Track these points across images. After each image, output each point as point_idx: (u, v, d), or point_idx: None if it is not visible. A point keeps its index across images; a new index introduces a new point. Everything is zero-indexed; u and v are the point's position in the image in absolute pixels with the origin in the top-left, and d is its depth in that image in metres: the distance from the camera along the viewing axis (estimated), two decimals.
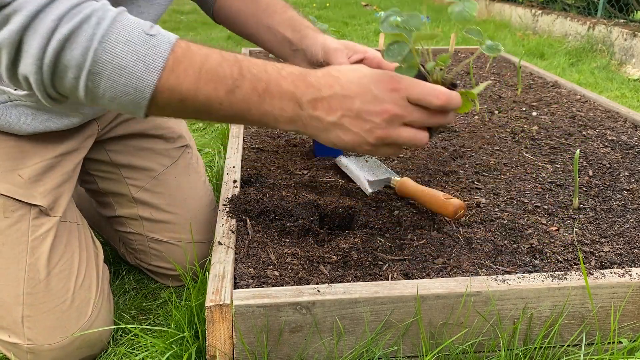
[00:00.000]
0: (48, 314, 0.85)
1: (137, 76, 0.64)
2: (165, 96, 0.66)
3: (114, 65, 0.63)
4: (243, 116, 0.69)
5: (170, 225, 1.07)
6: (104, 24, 0.63)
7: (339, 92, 0.68)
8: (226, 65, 0.67)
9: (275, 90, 0.68)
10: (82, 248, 0.93)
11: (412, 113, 0.68)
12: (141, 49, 0.63)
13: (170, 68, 0.65)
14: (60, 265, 0.87)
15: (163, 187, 1.08)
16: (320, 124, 0.69)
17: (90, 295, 0.89)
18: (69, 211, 0.94)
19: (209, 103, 0.67)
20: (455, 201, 0.91)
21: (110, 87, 0.64)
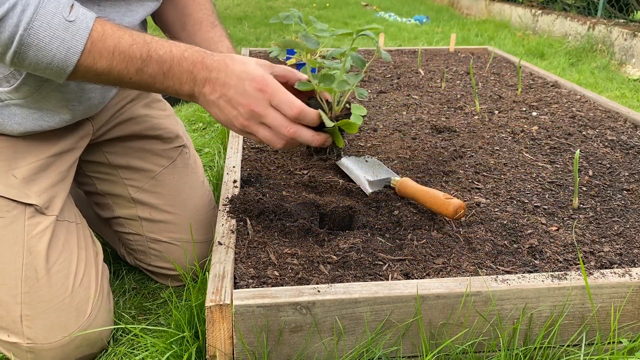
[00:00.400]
0: (47, 313, 0.85)
1: (58, 58, 0.73)
2: (83, 72, 0.76)
3: (38, 48, 0.72)
4: (149, 88, 0.81)
5: (170, 225, 1.07)
6: (28, 11, 0.70)
7: (223, 78, 0.80)
8: (136, 47, 0.77)
9: (177, 69, 0.80)
10: (81, 247, 0.93)
11: (269, 115, 0.80)
12: (62, 34, 0.73)
13: (88, 50, 0.74)
14: (59, 264, 0.87)
15: (161, 188, 1.08)
16: (205, 99, 0.82)
17: (89, 294, 0.89)
18: (67, 210, 0.94)
19: (121, 78, 0.78)
20: (455, 201, 0.91)
21: (34, 63, 0.74)
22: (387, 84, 1.86)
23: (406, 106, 1.61)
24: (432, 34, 4.03)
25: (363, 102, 1.65)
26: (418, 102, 1.64)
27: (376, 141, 1.33)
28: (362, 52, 2.37)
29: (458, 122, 1.46)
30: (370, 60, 1.20)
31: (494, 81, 1.89)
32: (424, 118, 1.49)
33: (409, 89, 1.79)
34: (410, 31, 4.17)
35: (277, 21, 1.73)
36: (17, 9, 0.70)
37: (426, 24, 4.66)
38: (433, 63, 2.16)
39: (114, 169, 1.07)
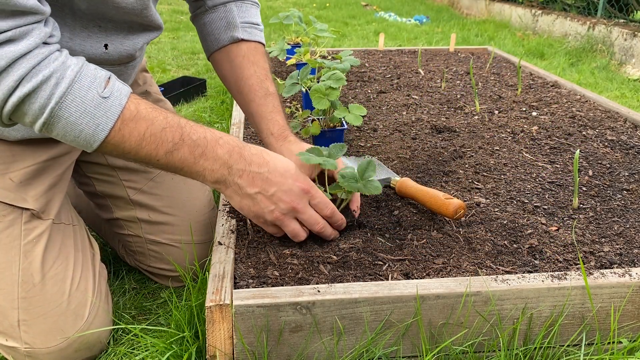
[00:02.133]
0: (44, 318, 0.85)
1: (86, 133, 0.73)
2: (110, 148, 0.76)
3: (68, 122, 0.71)
4: (176, 171, 0.81)
5: (169, 227, 1.07)
6: (62, 85, 0.70)
7: (265, 173, 0.83)
8: (169, 131, 0.77)
9: (210, 155, 0.80)
10: (78, 249, 0.93)
11: (307, 212, 0.85)
12: (93, 110, 0.72)
13: (117, 129, 0.74)
14: (55, 268, 0.87)
15: (160, 189, 1.08)
16: (239, 190, 0.83)
17: (86, 297, 0.89)
18: (64, 212, 0.94)
19: (148, 159, 0.78)
20: (455, 201, 0.91)
21: (62, 134, 0.73)
22: (387, 84, 1.86)
23: (406, 106, 1.61)
24: (432, 34, 4.03)
25: (363, 102, 1.66)
26: (418, 102, 1.64)
27: (376, 141, 1.33)
28: (362, 52, 2.37)
29: (458, 122, 1.46)
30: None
31: (494, 81, 1.89)
32: (424, 118, 1.49)
33: (409, 89, 1.79)
34: (410, 31, 4.17)
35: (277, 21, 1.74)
36: (50, 82, 0.69)
37: (426, 24, 4.66)
38: (433, 63, 2.16)
39: (113, 170, 1.07)
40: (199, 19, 1.09)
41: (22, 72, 0.67)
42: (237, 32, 1.05)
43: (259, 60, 1.06)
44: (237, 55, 1.06)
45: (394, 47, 2.74)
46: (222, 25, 1.06)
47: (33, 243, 0.87)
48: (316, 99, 1.10)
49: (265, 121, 1.03)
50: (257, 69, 1.05)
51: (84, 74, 0.72)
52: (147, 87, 1.19)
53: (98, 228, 1.22)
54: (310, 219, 0.85)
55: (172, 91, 2.32)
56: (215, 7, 1.07)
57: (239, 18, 1.06)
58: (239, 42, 1.06)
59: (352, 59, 1.27)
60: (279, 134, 1.01)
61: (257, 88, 1.04)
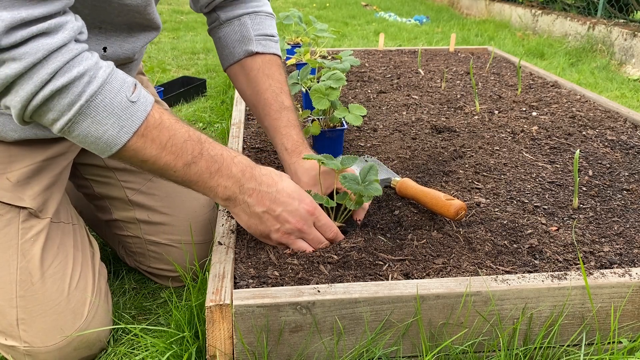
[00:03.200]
0: (43, 317, 0.85)
1: (109, 134, 0.73)
2: (129, 154, 0.76)
3: (93, 120, 0.72)
4: (190, 185, 0.82)
5: (168, 227, 1.07)
6: (94, 84, 0.71)
7: (274, 194, 0.84)
8: (189, 144, 0.78)
9: (225, 172, 0.82)
10: (77, 248, 0.93)
11: (312, 233, 0.87)
12: (120, 112, 0.73)
13: (141, 134, 0.75)
14: (54, 267, 0.87)
15: (159, 189, 1.08)
16: (247, 209, 0.85)
17: (86, 296, 0.89)
18: (62, 212, 0.94)
19: (166, 169, 0.78)
20: (456, 202, 0.91)
21: (83, 134, 0.73)
22: (387, 84, 1.86)
23: (406, 106, 1.61)
24: (432, 34, 4.03)
25: (363, 102, 1.66)
26: (418, 102, 1.64)
27: (376, 141, 1.33)
28: (362, 52, 2.37)
29: (458, 122, 1.46)
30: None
31: (494, 81, 1.89)
32: (424, 118, 1.49)
33: (409, 89, 1.79)
34: (410, 31, 4.17)
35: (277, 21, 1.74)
36: (83, 79, 0.70)
37: (426, 24, 4.66)
38: (433, 63, 2.16)
39: (110, 172, 1.07)
40: (214, 32, 1.10)
41: (57, 66, 0.67)
42: (252, 45, 1.06)
43: (274, 73, 1.06)
44: (252, 69, 1.06)
45: (394, 47, 2.74)
46: (237, 39, 1.07)
47: (31, 242, 0.87)
48: (316, 99, 1.10)
49: (279, 136, 1.03)
50: (273, 82, 1.05)
51: (115, 77, 0.73)
52: None
53: (98, 229, 1.21)
54: (314, 240, 0.88)
55: (172, 91, 2.32)
56: (229, 21, 1.07)
57: (253, 31, 1.06)
58: (253, 55, 1.06)
59: (352, 59, 1.27)
60: (293, 149, 1.01)
61: (272, 102, 1.04)
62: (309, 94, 1.12)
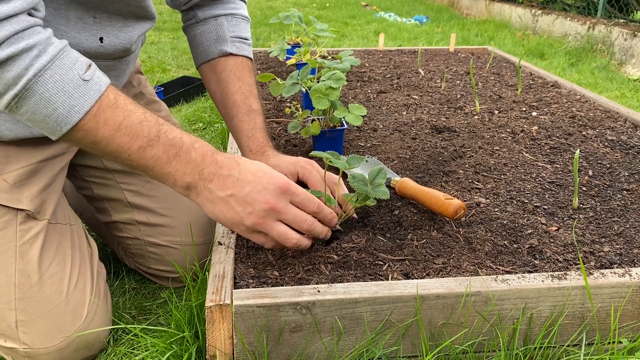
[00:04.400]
0: (42, 318, 0.84)
1: (59, 113, 0.69)
2: (80, 135, 0.71)
3: (42, 97, 0.68)
4: (146, 170, 0.76)
5: (167, 229, 1.07)
6: (43, 57, 0.67)
7: (236, 175, 0.77)
8: (146, 125, 0.74)
9: (184, 157, 0.76)
10: (75, 249, 0.92)
11: (290, 211, 0.79)
12: (72, 90, 0.69)
13: (93, 114, 0.70)
14: (52, 268, 0.87)
15: (158, 191, 1.08)
16: (210, 195, 0.78)
17: (84, 296, 0.89)
18: (60, 212, 0.94)
19: (119, 151, 0.73)
20: (455, 201, 0.91)
21: (31, 112, 0.69)
22: (387, 84, 1.86)
23: (406, 106, 1.61)
24: (432, 34, 4.03)
25: (363, 102, 1.66)
26: (418, 102, 1.64)
27: (376, 141, 1.33)
28: (362, 52, 2.37)
29: (458, 122, 1.46)
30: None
31: (494, 81, 1.89)
32: (424, 118, 1.49)
33: (409, 89, 1.79)
34: (410, 31, 4.17)
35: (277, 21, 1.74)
36: (32, 52, 0.66)
37: (426, 24, 4.66)
38: (433, 63, 2.16)
39: (109, 173, 1.07)
40: (190, 29, 1.10)
41: (3, 35, 0.64)
42: (226, 45, 1.06)
43: (245, 76, 1.07)
44: (224, 70, 1.07)
45: (394, 47, 2.74)
46: (212, 38, 1.07)
47: (29, 244, 0.87)
48: (316, 99, 1.10)
49: (245, 138, 1.04)
50: (243, 85, 1.06)
51: (66, 54, 0.70)
52: (141, 89, 1.20)
53: (98, 230, 1.21)
54: (294, 218, 0.79)
55: (172, 91, 2.32)
56: (206, 20, 1.08)
57: (228, 32, 1.07)
58: (227, 56, 1.07)
59: (352, 59, 1.27)
60: (257, 150, 1.02)
61: (241, 104, 1.05)
62: (309, 94, 1.12)
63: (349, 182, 0.88)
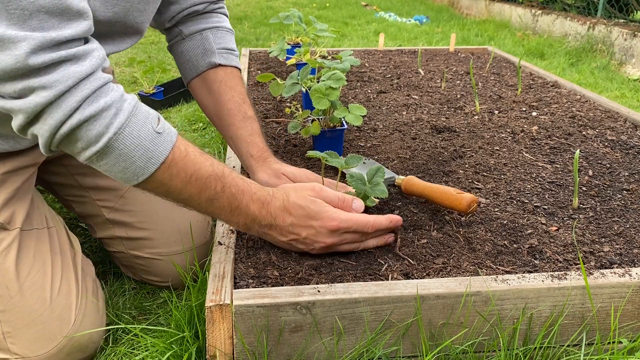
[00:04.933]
0: (28, 328, 0.83)
1: (136, 165, 0.73)
2: (154, 185, 0.76)
3: (121, 152, 0.71)
4: (212, 215, 0.85)
5: (148, 242, 1.06)
6: (121, 116, 0.70)
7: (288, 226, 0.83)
8: (213, 179, 0.78)
9: (244, 210, 0.82)
10: (55, 252, 0.90)
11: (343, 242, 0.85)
12: (147, 144, 0.72)
13: (167, 166, 0.75)
14: (32, 276, 0.85)
15: (132, 205, 1.07)
16: (272, 239, 0.86)
17: (70, 300, 0.87)
18: (35, 217, 0.91)
19: (189, 201, 0.79)
20: (467, 195, 0.91)
21: (109, 165, 0.72)
22: (387, 84, 1.86)
23: (406, 106, 1.61)
24: (432, 34, 4.03)
25: (363, 102, 1.66)
26: (418, 102, 1.64)
27: (376, 141, 1.33)
28: (362, 52, 2.37)
29: (458, 122, 1.46)
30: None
31: (494, 81, 1.89)
32: (424, 118, 1.49)
33: (409, 89, 1.79)
34: (410, 31, 4.17)
35: (277, 21, 1.74)
36: (110, 111, 0.69)
37: (426, 24, 4.66)
38: (433, 63, 2.16)
39: (85, 191, 1.07)
40: (176, 47, 1.11)
41: (85, 94, 0.67)
42: (214, 57, 1.08)
43: (236, 84, 1.09)
44: (215, 81, 1.08)
45: (394, 47, 2.74)
46: (200, 52, 1.08)
47: (3, 255, 0.85)
48: (316, 99, 1.10)
49: (244, 144, 1.05)
50: (235, 94, 1.07)
51: (139, 109, 0.73)
52: None
53: None
54: (349, 246, 0.86)
55: (172, 91, 2.32)
56: (192, 35, 1.09)
57: (215, 45, 1.09)
58: (216, 68, 1.08)
59: (352, 59, 1.27)
60: (259, 156, 1.04)
61: (236, 112, 1.06)
62: (309, 94, 1.12)
63: (347, 182, 0.89)
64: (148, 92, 2.26)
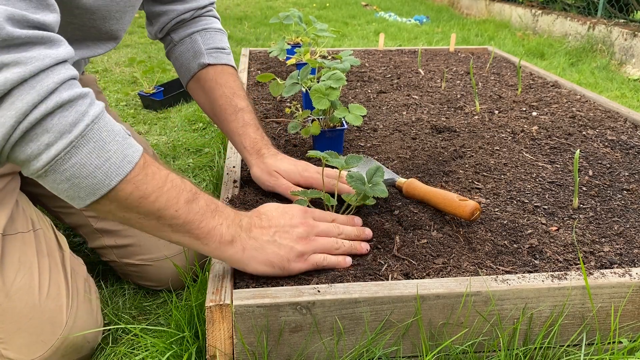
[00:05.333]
0: (19, 333, 0.82)
1: (112, 162, 0.65)
2: (129, 190, 0.67)
3: (96, 146, 0.64)
4: (191, 227, 0.73)
5: (136, 248, 1.06)
6: (95, 107, 0.65)
7: (265, 217, 0.81)
8: (186, 183, 0.74)
9: (223, 211, 0.77)
10: (43, 255, 0.88)
11: (319, 224, 0.84)
12: (122, 140, 0.67)
13: (141, 166, 0.68)
14: (18, 281, 0.83)
15: None
16: (256, 243, 0.78)
17: (60, 303, 0.85)
18: (19, 221, 0.89)
19: (168, 207, 0.70)
20: (470, 203, 0.90)
21: (79, 164, 0.63)
22: (387, 84, 1.86)
23: (406, 106, 1.61)
24: (432, 34, 4.03)
25: (363, 102, 1.66)
26: (418, 102, 1.64)
27: (376, 141, 1.33)
28: (362, 52, 2.37)
29: (458, 122, 1.46)
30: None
31: (494, 81, 1.89)
32: (424, 118, 1.49)
33: (409, 89, 1.79)
34: (410, 31, 4.17)
35: (277, 21, 1.74)
36: (87, 99, 0.64)
37: (426, 24, 4.66)
38: (433, 63, 2.16)
39: None
40: (171, 54, 1.15)
41: (63, 77, 0.62)
42: (203, 58, 1.10)
43: (227, 80, 1.10)
44: (207, 80, 1.10)
45: (394, 47, 2.74)
46: (190, 55, 1.11)
47: None
48: (316, 99, 1.10)
49: (237, 136, 1.06)
50: (226, 89, 1.08)
51: (106, 113, 0.68)
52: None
53: None
54: (327, 229, 0.85)
55: (172, 91, 2.32)
56: (182, 40, 1.12)
57: (204, 45, 1.11)
58: (206, 68, 1.10)
59: (352, 59, 1.27)
60: (251, 148, 1.04)
61: (226, 107, 1.07)
62: (309, 94, 1.12)
63: (347, 182, 0.88)
64: (148, 92, 2.26)
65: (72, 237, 1.25)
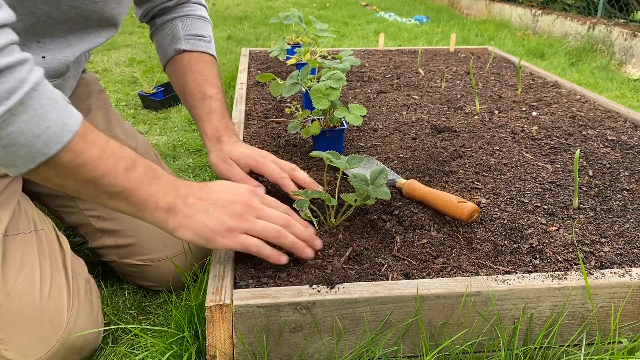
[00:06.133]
0: (20, 334, 0.82)
1: (52, 131, 0.64)
2: (68, 158, 0.66)
3: (36, 114, 0.62)
4: (129, 194, 0.73)
5: (137, 248, 1.06)
6: (35, 74, 0.63)
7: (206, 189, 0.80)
8: (125, 151, 0.73)
9: (161, 177, 0.77)
10: (43, 256, 0.88)
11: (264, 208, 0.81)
12: (62, 108, 0.65)
13: (82, 134, 0.67)
14: (20, 282, 0.83)
15: (119, 213, 1.06)
16: (189, 210, 0.77)
17: (61, 304, 0.85)
18: (21, 221, 0.89)
19: (106, 175, 0.70)
20: (469, 205, 0.91)
21: (18, 132, 0.62)
22: (387, 84, 1.86)
23: (406, 106, 1.61)
24: (432, 34, 4.03)
25: (363, 102, 1.66)
26: (418, 102, 1.64)
27: (376, 141, 1.33)
28: (362, 52, 2.37)
29: (458, 122, 1.46)
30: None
31: (494, 81, 1.89)
32: (424, 118, 1.49)
33: (409, 89, 1.79)
34: (410, 31, 4.17)
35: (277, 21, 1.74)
36: (26, 66, 0.62)
37: (426, 24, 4.66)
38: (433, 63, 2.16)
39: (72, 200, 1.06)
40: (153, 37, 1.18)
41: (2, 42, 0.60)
42: (180, 44, 1.12)
43: (201, 68, 1.11)
44: (180, 66, 1.12)
45: (394, 47, 2.74)
46: (168, 40, 1.14)
47: None
48: (316, 99, 1.10)
49: (201, 123, 1.07)
50: (197, 76, 1.09)
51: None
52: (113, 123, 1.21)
53: None
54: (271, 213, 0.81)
55: (172, 91, 2.32)
56: (163, 25, 1.15)
57: (182, 32, 1.13)
58: (182, 53, 1.12)
59: (352, 59, 1.27)
60: (212, 135, 1.04)
61: (195, 93, 1.08)
62: (309, 94, 1.12)
63: (350, 182, 0.88)
64: (148, 92, 2.26)
65: (72, 237, 1.25)
